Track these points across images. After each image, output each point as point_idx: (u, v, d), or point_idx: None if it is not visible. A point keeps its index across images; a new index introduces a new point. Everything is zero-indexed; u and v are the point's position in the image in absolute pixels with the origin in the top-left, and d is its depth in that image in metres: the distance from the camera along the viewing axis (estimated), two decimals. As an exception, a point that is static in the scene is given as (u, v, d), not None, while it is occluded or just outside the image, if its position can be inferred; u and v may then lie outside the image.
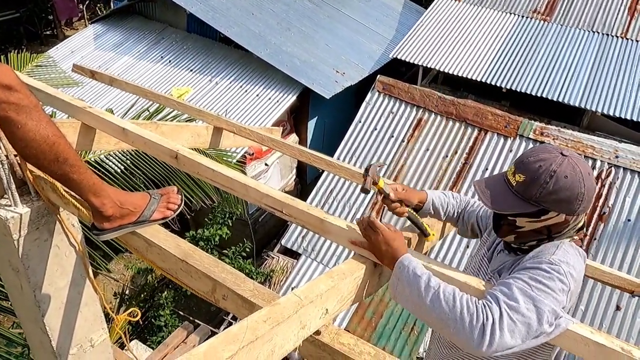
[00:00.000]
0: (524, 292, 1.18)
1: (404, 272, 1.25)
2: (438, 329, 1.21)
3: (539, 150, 1.32)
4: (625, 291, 1.92)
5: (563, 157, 1.27)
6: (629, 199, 5.66)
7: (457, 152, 6.42)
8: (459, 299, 1.17)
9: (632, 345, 1.22)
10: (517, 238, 1.40)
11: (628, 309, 5.11)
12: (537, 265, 1.26)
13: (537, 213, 1.31)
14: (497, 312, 1.14)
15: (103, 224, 1.47)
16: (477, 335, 1.12)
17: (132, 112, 4.63)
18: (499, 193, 1.33)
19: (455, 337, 1.15)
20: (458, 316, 1.14)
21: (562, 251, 1.34)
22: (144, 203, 1.53)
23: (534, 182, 1.27)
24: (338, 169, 2.36)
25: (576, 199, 1.27)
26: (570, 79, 8.19)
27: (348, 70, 9.30)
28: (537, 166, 1.27)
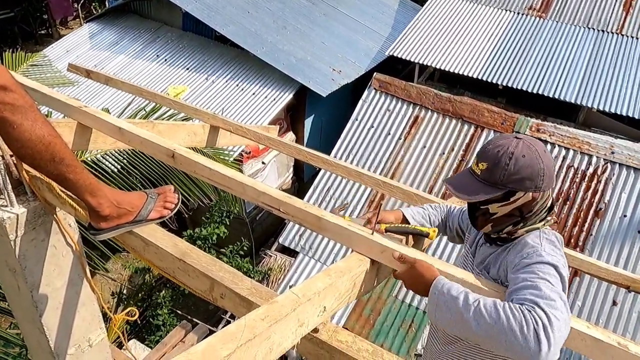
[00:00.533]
0: (552, 289, 1.20)
1: (441, 298, 1.25)
2: (489, 346, 1.19)
3: (496, 139, 1.41)
4: (621, 286, 1.93)
5: (518, 140, 1.36)
6: (625, 194, 5.68)
7: (454, 149, 6.43)
8: (501, 310, 1.15)
9: (628, 339, 1.23)
10: (494, 226, 1.44)
11: (624, 304, 5.13)
12: (539, 260, 1.29)
13: (506, 196, 1.37)
14: (542, 314, 1.13)
15: (100, 223, 1.47)
16: (533, 343, 1.10)
17: (128, 112, 4.61)
18: (468, 184, 1.41)
19: (511, 350, 1.13)
20: (506, 327, 1.12)
21: (547, 243, 1.39)
22: (141, 202, 1.53)
23: (496, 166, 1.35)
24: (335, 167, 2.36)
25: (537, 175, 1.35)
26: (566, 75, 8.21)
27: (344, 68, 9.29)
28: (496, 151, 1.36)
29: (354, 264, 1.39)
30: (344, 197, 6.42)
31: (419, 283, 1.33)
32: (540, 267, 1.27)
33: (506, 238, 1.46)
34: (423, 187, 6.22)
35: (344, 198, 6.41)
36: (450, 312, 1.22)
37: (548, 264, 1.28)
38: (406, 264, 1.37)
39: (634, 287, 1.90)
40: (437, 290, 1.27)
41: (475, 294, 1.24)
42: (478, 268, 1.54)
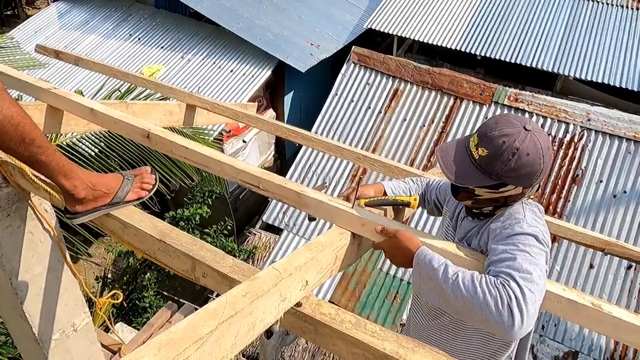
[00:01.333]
0: (530, 261, 1.22)
1: (423, 268, 1.27)
2: (467, 319, 1.22)
3: (503, 123, 1.31)
4: (597, 249, 1.98)
5: (526, 133, 1.28)
6: (601, 160, 5.80)
7: (434, 121, 6.45)
8: (478, 283, 1.17)
9: (602, 300, 1.27)
10: (474, 203, 1.45)
11: (601, 267, 5.30)
12: (520, 231, 1.30)
13: (497, 185, 1.34)
14: (517, 288, 1.15)
15: (76, 207, 1.44)
16: (506, 317, 1.13)
17: (102, 93, 4.50)
18: (461, 166, 1.35)
19: (486, 323, 1.16)
20: (482, 302, 1.15)
21: (530, 213, 1.40)
22: (117, 184, 1.50)
23: (497, 158, 1.29)
24: (314, 142, 2.35)
25: (535, 175, 1.31)
26: (543, 44, 8.25)
27: (323, 43, 9.18)
28: (501, 142, 1.28)
29: (335, 238, 1.40)
30: (326, 173, 6.42)
31: (400, 254, 1.34)
32: (521, 238, 1.28)
33: (489, 213, 1.46)
34: (404, 160, 6.25)
35: (326, 174, 6.41)
36: (433, 283, 1.24)
37: (529, 235, 1.29)
38: (388, 235, 1.38)
39: (609, 250, 1.95)
40: (419, 260, 1.29)
41: (455, 267, 1.25)
42: (459, 242, 1.55)
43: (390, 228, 1.38)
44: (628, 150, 5.78)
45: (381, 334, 1.22)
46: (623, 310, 1.24)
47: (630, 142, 5.79)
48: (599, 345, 4.99)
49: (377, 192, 1.73)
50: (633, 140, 5.78)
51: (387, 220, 1.47)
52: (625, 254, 1.91)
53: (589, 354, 4.95)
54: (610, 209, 5.55)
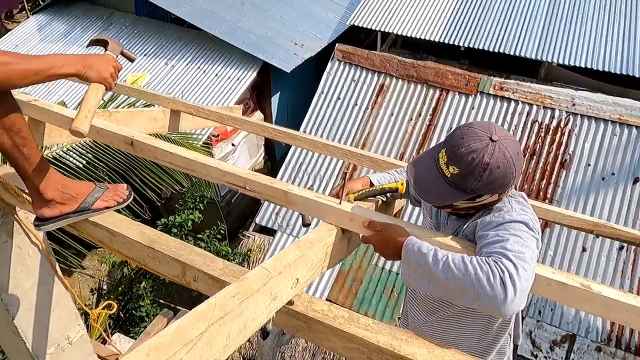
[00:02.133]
0: (521, 244, 1.23)
1: (412, 256, 1.26)
2: (458, 300, 1.20)
3: (469, 139, 1.30)
4: (586, 231, 2.00)
5: (493, 145, 1.28)
6: (588, 144, 5.86)
7: (421, 114, 6.47)
8: (469, 262, 1.17)
9: (590, 280, 1.28)
10: (453, 212, 1.47)
11: (593, 250, 5.35)
12: (510, 219, 1.31)
13: (473, 198, 1.36)
14: (509, 264, 1.15)
15: (43, 209, 1.44)
16: (499, 290, 1.12)
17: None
18: (435, 185, 1.35)
19: (479, 300, 1.15)
20: (474, 278, 1.14)
21: (516, 204, 1.41)
22: (88, 191, 1.51)
23: (469, 175, 1.29)
24: (301, 141, 2.35)
25: (509, 182, 1.33)
26: (525, 32, 8.30)
27: (306, 42, 9.17)
28: (470, 159, 1.28)
29: (324, 234, 1.40)
30: (316, 172, 6.42)
31: (389, 247, 1.34)
32: (512, 225, 1.30)
33: (475, 213, 1.45)
34: (394, 155, 6.27)
35: (316, 172, 6.41)
36: (422, 269, 1.24)
37: (519, 222, 1.30)
38: (375, 229, 1.38)
39: (597, 231, 1.97)
40: (407, 249, 1.28)
41: (444, 251, 1.26)
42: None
43: (377, 222, 1.38)
44: (614, 132, 5.83)
45: (374, 327, 1.23)
46: (613, 289, 1.25)
47: (616, 125, 5.85)
48: (596, 327, 5.04)
49: (365, 185, 1.73)
50: (618, 122, 5.84)
51: (375, 214, 1.47)
52: (614, 234, 1.93)
53: (586, 336, 5.00)
54: (600, 192, 5.61)
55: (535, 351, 5.02)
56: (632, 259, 5.21)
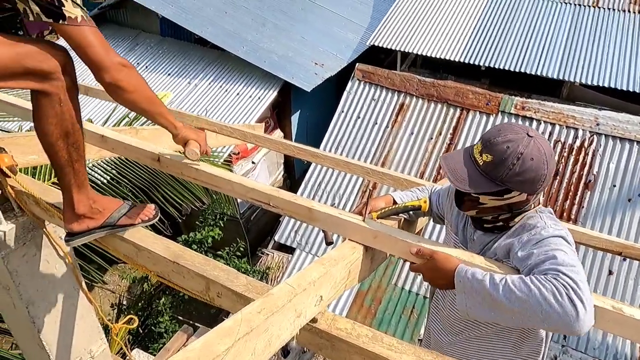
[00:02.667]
0: (569, 257, 1.22)
1: (467, 284, 1.24)
2: (526, 323, 1.18)
3: (506, 130, 1.32)
4: (613, 253, 1.95)
5: (529, 139, 1.30)
6: (613, 165, 5.74)
7: (442, 133, 6.45)
8: (530, 282, 1.15)
9: (621, 303, 1.25)
10: (479, 213, 1.43)
11: (620, 273, 5.20)
12: (547, 235, 1.30)
13: (501, 192, 1.34)
14: (568, 279, 1.13)
15: (72, 224, 1.47)
16: (570, 307, 1.10)
17: (112, 120, 4.58)
18: (466, 172, 1.35)
19: (549, 320, 1.12)
20: (540, 298, 1.12)
21: (548, 219, 1.39)
22: (115, 207, 1.54)
23: (502, 164, 1.29)
24: (322, 159, 2.36)
25: (539, 180, 1.31)
26: (547, 51, 8.25)
27: (327, 62, 9.27)
28: (505, 147, 1.29)
29: (347, 252, 1.40)
30: (336, 190, 6.42)
31: (439, 276, 1.32)
32: (551, 240, 1.28)
33: (503, 226, 1.44)
34: (414, 174, 6.24)
35: (336, 190, 6.41)
36: (481, 296, 1.21)
37: (556, 237, 1.29)
38: (424, 258, 1.35)
39: (626, 253, 1.92)
40: (461, 277, 1.26)
41: (499, 274, 1.23)
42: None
43: (426, 250, 1.35)
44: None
45: (399, 347, 1.21)
46: (645, 312, 1.22)
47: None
48: (624, 353, 4.86)
49: (388, 203, 1.73)
50: (644, 142, 5.72)
51: (422, 239, 1.43)
52: (643, 256, 1.88)
53: (614, 363, 4.83)
54: (626, 213, 5.47)
55: (560, 377, 4.86)
56: (661, 283, 5.05)
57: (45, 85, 1.30)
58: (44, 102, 1.32)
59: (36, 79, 1.29)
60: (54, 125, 1.34)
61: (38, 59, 1.29)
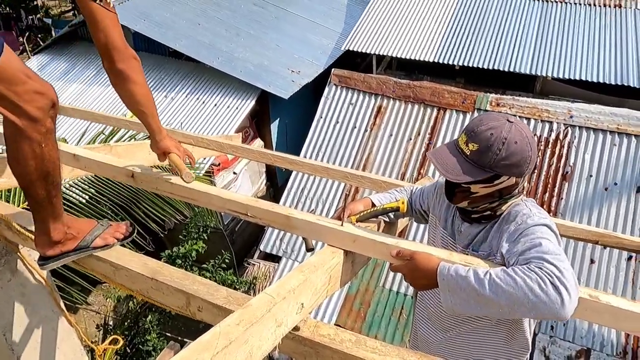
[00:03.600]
0: (554, 245, 1.25)
1: (451, 281, 1.25)
2: (514, 314, 1.19)
3: (487, 119, 1.37)
4: (591, 242, 1.98)
5: (510, 124, 1.35)
6: (588, 155, 5.86)
7: (420, 133, 6.51)
8: (513, 273, 1.17)
9: (598, 291, 1.27)
10: (471, 203, 1.45)
11: (601, 261, 5.29)
12: (533, 223, 1.33)
13: (491, 178, 1.37)
14: (552, 267, 1.16)
15: (47, 250, 1.44)
16: (554, 296, 1.12)
17: (86, 138, 4.51)
18: (455, 163, 1.38)
19: (535, 309, 1.15)
20: (526, 289, 1.14)
21: (534, 207, 1.43)
22: (88, 229, 1.51)
23: (488, 150, 1.33)
24: (301, 166, 2.36)
25: (525, 162, 1.36)
26: (518, 48, 8.41)
27: (303, 68, 9.29)
28: (489, 134, 1.33)
29: (327, 257, 1.39)
30: (318, 195, 6.42)
31: (421, 276, 1.33)
32: (537, 228, 1.32)
33: (491, 215, 1.46)
34: (395, 175, 6.28)
35: (319, 196, 6.41)
36: (466, 292, 1.22)
37: (542, 225, 1.33)
38: (404, 259, 1.36)
39: (602, 241, 1.96)
40: (444, 275, 1.27)
41: (482, 268, 1.25)
42: (465, 249, 1.54)
43: (405, 250, 1.36)
44: (613, 142, 5.84)
45: (382, 350, 1.21)
46: (621, 299, 1.24)
47: (614, 135, 5.87)
48: (610, 340, 4.94)
49: (366, 206, 1.74)
50: (617, 132, 5.86)
51: (404, 241, 1.42)
52: (619, 243, 1.92)
53: (601, 350, 4.90)
54: (604, 202, 5.58)
55: (550, 368, 4.91)
56: (641, 269, 5.15)
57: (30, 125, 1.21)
58: (23, 145, 1.23)
59: (21, 114, 1.19)
60: (33, 167, 1.27)
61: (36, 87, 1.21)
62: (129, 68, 1.44)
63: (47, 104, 1.23)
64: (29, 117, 1.19)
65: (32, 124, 1.21)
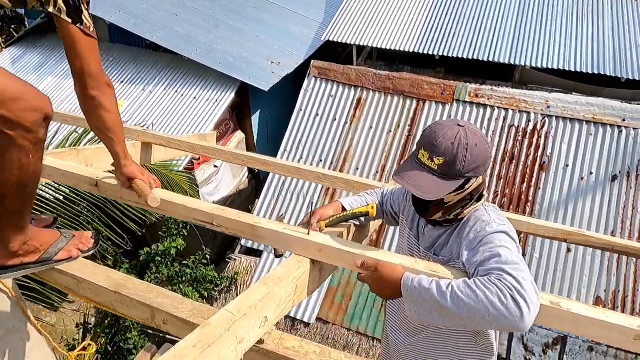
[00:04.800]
0: (512, 254, 1.26)
1: (414, 293, 1.25)
2: (475, 326, 1.20)
3: (440, 129, 1.37)
4: (559, 240, 2.01)
5: (463, 128, 1.36)
6: (565, 145, 5.93)
7: (400, 125, 6.51)
8: (475, 287, 1.18)
9: (560, 297, 1.28)
10: (445, 213, 1.45)
11: (578, 249, 5.39)
12: (492, 231, 1.34)
13: (462, 185, 1.38)
14: (511, 279, 1.17)
15: (5, 261, 1.40)
16: (514, 309, 1.13)
17: (58, 137, 4.41)
18: (428, 181, 1.36)
19: (496, 322, 1.16)
20: (486, 302, 1.15)
21: (493, 213, 1.44)
22: (52, 241, 1.47)
23: (455, 160, 1.34)
24: (273, 167, 2.34)
25: (488, 160, 1.40)
26: (497, 37, 8.43)
27: (283, 59, 9.21)
28: (450, 144, 1.34)
29: (292, 268, 1.38)
30: (299, 189, 6.41)
31: (385, 287, 1.33)
32: (496, 236, 1.32)
33: (453, 219, 1.48)
34: (375, 168, 6.29)
35: (300, 189, 6.40)
36: (429, 304, 1.23)
37: (501, 232, 1.34)
38: (369, 269, 1.36)
39: (571, 239, 1.98)
40: (408, 287, 1.27)
41: (445, 280, 1.26)
42: (427, 251, 1.55)
43: (370, 261, 1.36)
44: (589, 132, 5.92)
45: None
46: (581, 305, 1.25)
47: (590, 124, 5.95)
48: (586, 326, 5.05)
49: (336, 211, 1.72)
50: (592, 122, 5.94)
51: (370, 249, 1.41)
52: (586, 242, 1.94)
53: (577, 337, 5.01)
54: (580, 192, 5.67)
55: (528, 355, 5.01)
56: (616, 256, 5.26)
57: (21, 134, 1.17)
58: (12, 153, 1.17)
59: (15, 127, 1.15)
60: (15, 177, 1.22)
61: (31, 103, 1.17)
62: (102, 95, 1.40)
63: (40, 117, 1.20)
64: (22, 127, 1.17)
65: (25, 132, 1.18)
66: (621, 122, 5.85)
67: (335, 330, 5.35)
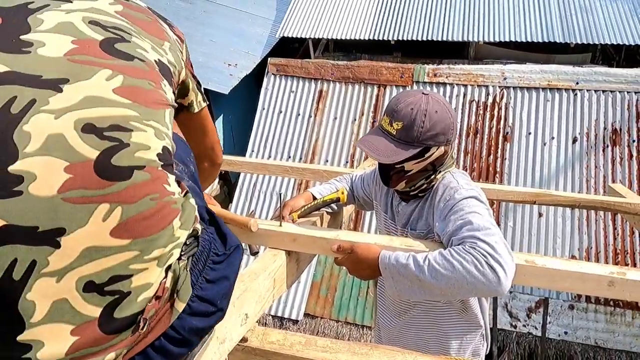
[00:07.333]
0: (482, 219, 1.27)
1: (392, 270, 1.26)
2: (456, 295, 1.23)
3: (404, 96, 1.40)
4: (528, 203, 2.05)
5: (426, 96, 1.38)
6: (525, 114, 6.08)
7: (364, 113, 6.54)
8: (450, 257, 1.19)
9: (534, 254, 1.30)
10: (408, 182, 1.46)
11: (548, 214, 5.54)
12: (461, 197, 1.35)
13: (421, 152, 1.39)
14: (485, 245, 1.18)
15: None
16: (491, 275, 1.15)
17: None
18: (385, 145, 1.39)
19: (475, 290, 1.18)
20: (464, 272, 1.16)
21: (461, 179, 1.45)
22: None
23: (412, 125, 1.35)
24: (239, 166, 2.31)
25: (449, 129, 1.39)
26: (449, 16, 8.54)
27: (240, 61, 9.11)
28: (410, 109, 1.36)
29: (268, 262, 1.36)
30: (272, 188, 6.37)
31: (364, 267, 1.33)
32: (465, 202, 1.33)
33: (424, 189, 1.49)
34: (345, 157, 6.30)
35: (272, 188, 6.36)
36: (408, 279, 1.23)
37: (470, 198, 1.35)
38: (345, 252, 1.36)
39: (539, 201, 2.02)
40: (385, 264, 1.27)
41: (420, 253, 1.26)
42: (404, 228, 1.56)
43: (345, 244, 1.36)
44: (546, 98, 6.08)
45: (333, 347, 1.20)
46: (555, 259, 1.28)
47: (547, 91, 6.10)
48: (565, 286, 5.20)
49: (307, 200, 1.71)
50: (548, 88, 6.09)
51: (344, 232, 1.41)
52: (554, 201, 1.99)
53: (558, 297, 5.16)
54: (544, 157, 5.82)
55: (513, 322, 5.13)
56: (585, 216, 5.43)
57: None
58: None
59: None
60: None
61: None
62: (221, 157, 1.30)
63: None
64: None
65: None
66: (575, 85, 6.02)
67: (324, 323, 5.36)
